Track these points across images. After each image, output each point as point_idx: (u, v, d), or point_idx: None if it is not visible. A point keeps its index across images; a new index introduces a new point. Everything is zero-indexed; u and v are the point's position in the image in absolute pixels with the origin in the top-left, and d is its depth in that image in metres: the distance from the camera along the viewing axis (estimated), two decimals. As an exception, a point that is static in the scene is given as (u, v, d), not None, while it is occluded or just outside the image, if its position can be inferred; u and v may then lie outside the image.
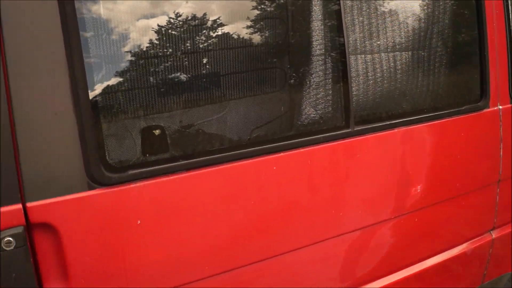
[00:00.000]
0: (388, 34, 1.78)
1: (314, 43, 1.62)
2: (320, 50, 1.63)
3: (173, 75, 1.40)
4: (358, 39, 1.70)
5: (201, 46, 1.43)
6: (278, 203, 1.56)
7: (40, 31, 1.20)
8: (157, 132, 1.37)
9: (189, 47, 1.41)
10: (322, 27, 1.63)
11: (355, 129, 1.67)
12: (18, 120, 1.21)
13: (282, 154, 1.54)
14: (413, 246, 1.98)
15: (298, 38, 1.62)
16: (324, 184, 1.64)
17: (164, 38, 1.37)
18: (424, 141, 1.88)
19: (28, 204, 1.23)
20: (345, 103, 1.66)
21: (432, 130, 1.89)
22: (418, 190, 1.86)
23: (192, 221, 1.43)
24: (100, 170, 1.30)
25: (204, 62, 1.45)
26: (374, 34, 1.75)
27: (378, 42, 1.76)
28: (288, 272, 1.67)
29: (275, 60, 1.58)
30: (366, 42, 1.73)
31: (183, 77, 1.42)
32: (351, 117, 1.66)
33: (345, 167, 1.67)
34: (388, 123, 1.76)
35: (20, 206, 1.23)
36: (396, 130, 1.77)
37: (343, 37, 1.64)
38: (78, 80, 1.26)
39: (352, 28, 1.67)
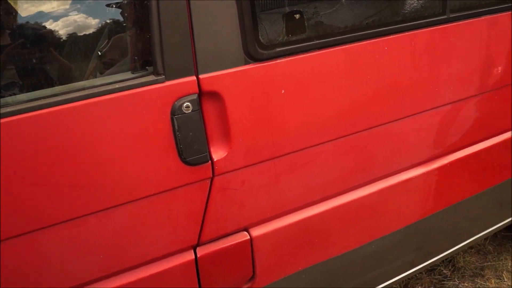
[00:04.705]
0: None
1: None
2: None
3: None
4: None
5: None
6: (388, 77, 1.78)
7: None
8: (297, 16, 1.58)
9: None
10: None
11: (450, 16, 1.87)
12: (193, 7, 1.40)
13: (391, 36, 1.74)
14: (493, 122, 2.21)
15: None
16: (424, 63, 1.84)
17: None
18: (503, 28, 2.05)
19: (201, 76, 1.44)
20: (442, -6, 1.85)
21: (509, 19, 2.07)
22: (499, 71, 2.07)
23: (322, 91, 1.65)
24: (255, 48, 1.50)
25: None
26: None
27: None
28: (394, 139, 1.91)
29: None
30: None
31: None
32: (447, 6, 1.85)
33: (441, 49, 1.87)
34: (476, 11, 1.95)
35: (194, 78, 1.43)
36: (482, 18, 1.97)
37: None
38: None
39: None
